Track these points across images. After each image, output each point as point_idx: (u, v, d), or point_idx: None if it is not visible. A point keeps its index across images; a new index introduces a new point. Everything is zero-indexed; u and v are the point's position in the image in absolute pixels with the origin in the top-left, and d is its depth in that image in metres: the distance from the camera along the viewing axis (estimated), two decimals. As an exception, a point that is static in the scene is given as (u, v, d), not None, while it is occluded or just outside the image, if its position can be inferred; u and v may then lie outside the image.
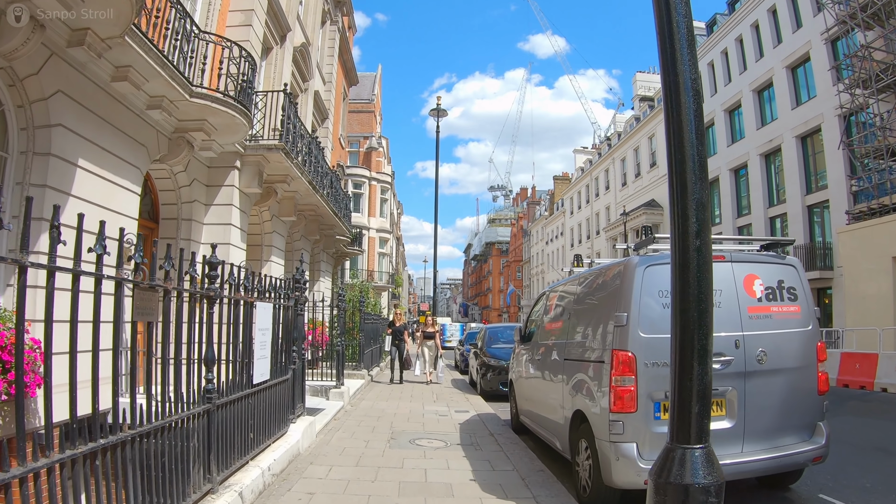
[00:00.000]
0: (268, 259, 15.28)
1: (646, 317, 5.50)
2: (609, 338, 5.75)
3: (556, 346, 7.33)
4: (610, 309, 5.87)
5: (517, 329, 9.84)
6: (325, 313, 15.59)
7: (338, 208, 20.38)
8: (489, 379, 14.89)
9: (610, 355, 5.60)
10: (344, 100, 31.53)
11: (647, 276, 5.61)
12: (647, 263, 5.71)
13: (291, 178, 14.48)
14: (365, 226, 47.77)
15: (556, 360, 7.21)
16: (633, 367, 5.36)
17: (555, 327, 7.67)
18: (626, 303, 5.59)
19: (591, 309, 6.60)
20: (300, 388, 8.86)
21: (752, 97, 35.33)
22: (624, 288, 5.72)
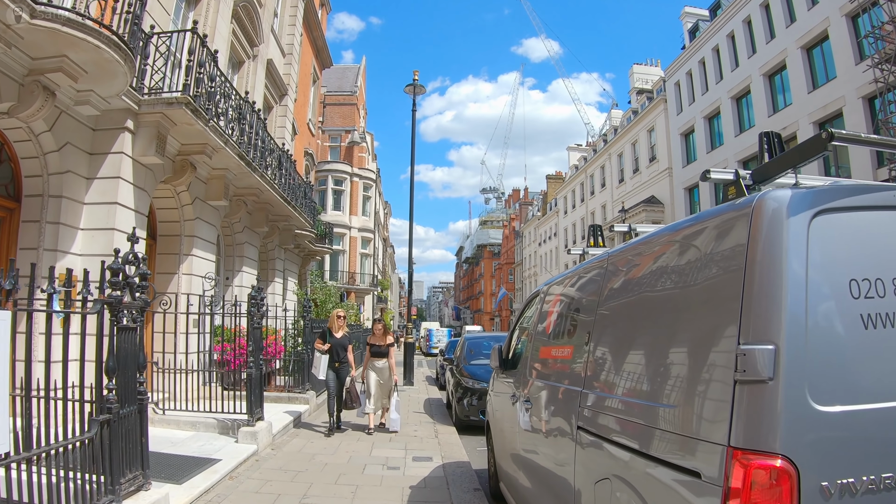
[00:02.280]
0: (188, 252, 12.12)
1: (823, 352, 2.24)
2: (712, 409, 2.46)
3: (565, 397, 3.94)
4: (704, 327, 2.65)
5: (496, 349, 6.23)
6: (279, 319, 13.22)
7: (293, 196, 17.21)
8: (466, 406, 11.68)
9: (724, 463, 2.27)
10: (315, 83, 28.50)
11: (818, 241, 2.34)
12: (819, 206, 2.39)
13: (213, 150, 11.33)
14: (346, 224, 44.81)
15: (564, 426, 3.87)
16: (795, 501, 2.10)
17: (560, 353, 4.28)
18: (765, 314, 2.29)
19: (643, 323, 3.23)
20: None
21: (763, 82, 32.32)
22: (756, 273, 2.35)
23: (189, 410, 9.33)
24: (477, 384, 11.48)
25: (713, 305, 2.56)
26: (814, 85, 28.66)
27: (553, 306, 4.73)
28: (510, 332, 6.55)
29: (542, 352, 4.72)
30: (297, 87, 22.59)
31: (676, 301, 2.90)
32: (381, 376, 11.19)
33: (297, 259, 24.01)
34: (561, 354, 4.19)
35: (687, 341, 2.75)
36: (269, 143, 14.69)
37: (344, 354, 11.06)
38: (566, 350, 4.09)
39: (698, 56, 38.95)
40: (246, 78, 16.52)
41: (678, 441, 2.59)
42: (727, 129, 35.56)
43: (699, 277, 2.75)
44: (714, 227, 2.78)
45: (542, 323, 4.96)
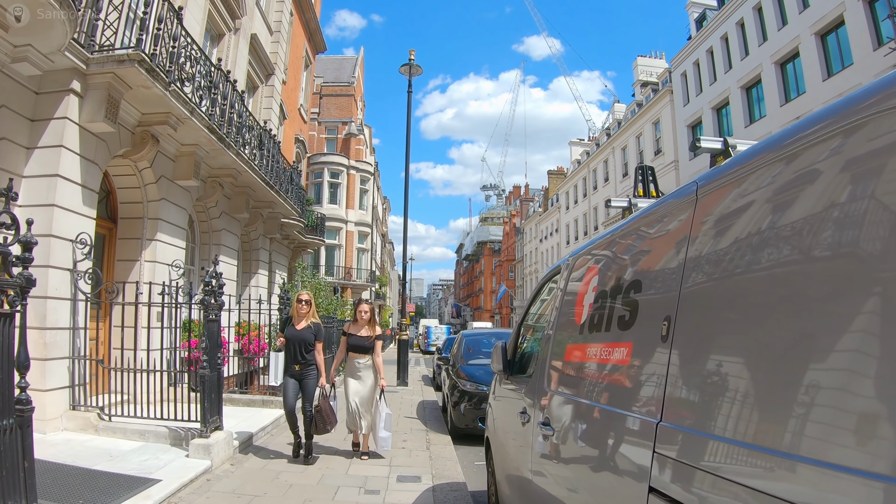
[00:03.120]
0: (152, 237, 10.78)
1: None
2: None
3: (619, 430, 2.50)
4: None
5: (498, 348, 4.83)
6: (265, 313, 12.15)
7: (278, 182, 15.89)
8: (463, 411, 10.09)
9: None
10: (307, 68, 27.15)
11: None
12: None
13: (177, 120, 10.02)
14: (342, 218, 43.48)
15: (619, 484, 2.46)
16: None
17: (605, 355, 2.78)
18: None
19: (811, 299, 1.64)
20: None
21: (774, 70, 30.99)
22: None
23: (140, 417, 7.97)
24: (475, 387, 10.08)
25: None
26: (829, 73, 27.40)
27: (587, 284, 3.15)
28: (517, 327, 5.02)
29: (571, 352, 3.19)
30: (286, 68, 21.25)
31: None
32: (364, 381, 8.19)
33: (286, 251, 22.68)
34: (607, 357, 2.65)
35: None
36: (248, 119, 13.36)
37: (308, 354, 7.93)
38: (617, 350, 2.55)
39: (706, 45, 37.66)
40: (226, 52, 15.18)
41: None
42: (737, 120, 34.25)
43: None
44: None
45: (568, 310, 3.41)
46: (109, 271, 10.54)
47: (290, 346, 7.94)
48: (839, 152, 1.58)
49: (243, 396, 10.65)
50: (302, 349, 7.92)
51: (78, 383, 8.24)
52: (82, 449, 7.17)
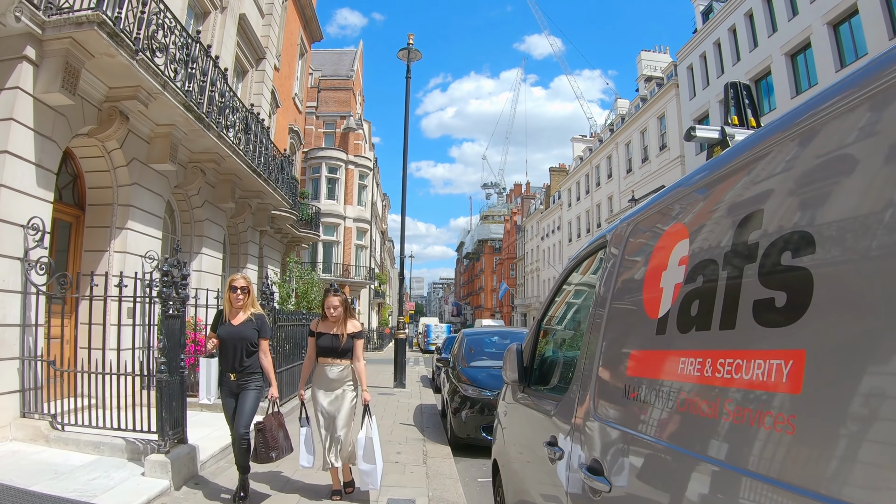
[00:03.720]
0: (122, 226, 9.81)
1: None
2: None
3: None
4: None
5: (513, 351, 3.80)
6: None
7: (267, 170, 14.92)
8: (465, 419, 8.95)
9: None
10: (302, 56, 26.19)
11: None
12: None
13: (149, 95, 9.05)
14: (340, 214, 42.57)
15: None
16: None
17: (745, 372, 1.53)
18: None
19: None
20: None
21: (785, 62, 30.06)
22: None
23: (97, 427, 6.96)
24: (478, 392, 9.04)
25: None
26: (841, 63, 26.49)
27: (666, 255, 2.05)
28: (536, 325, 3.82)
29: (641, 363, 2.13)
30: (278, 53, 20.29)
31: None
32: (338, 395, 6.17)
33: (279, 246, 21.71)
34: (730, 375, 1.56)
35: None
36: (232, 100, 12.36)
37: (250, 358, 5.99)
38: (759, 365, 1.46)
39: (713, 37, 36.73)
40: (212, 31, 14.21)
41: None
42: (745, 113, 33.25)
43: None
44: None
45: (630, 298, 2.32)
46: (76, 263, 9.58)
47: (225, 349, 5.96)
48: None
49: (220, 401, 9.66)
50: (241, 352, 5.93)
51: (30, 387, 7.26)
52: (27, 463, 6.21)
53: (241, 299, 6.08)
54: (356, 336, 6.34)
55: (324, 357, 6.25)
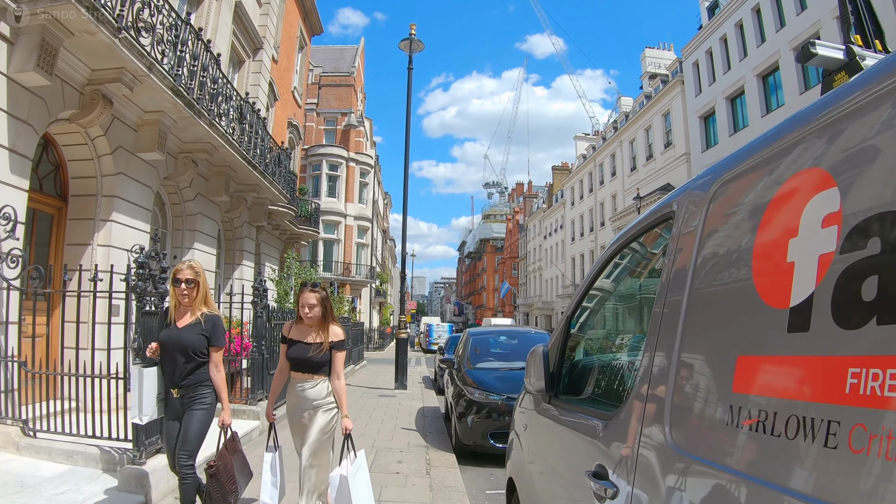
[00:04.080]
0: (107, 217, 9.24)
1: None
2: None
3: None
4: None
5: (538, 353, 3.07)
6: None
7: (263, 163, 14.34)
8: (471, 425, 8.29)
9: None
10: (302, 49, 25.64)
11: None
12: None
13: (133, 77, 8.48)
14: (341, 212, 42.01)
15: None
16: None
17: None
18: None
19: None
20: None
21: (793, 57, 29.42)
22: None
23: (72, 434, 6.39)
24: (485, 396, 8.43)
25: None
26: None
27: (795, 213, 1.42)
28: (564, 324, 3.14)
29: (768, 371, 1.44)
30: (276, 44, 19.74)
31: None
32: (311, 419, 4.89)
33: (277, 242, 21.14)
34: None
35: None
36: (226, 87, 11.77)
37: (198, 370, 4.73)
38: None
39: (719, 33, 36.15)
40: (206, 17, 13.62)
41: None
42: (752, 109, 32.72)
43: None
44: None
45: (726, 278, 1.71)
46: (57, 257, 9.00)
47: (166, 359, 4.70)
48: None
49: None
50: (186, 362, 4.64)
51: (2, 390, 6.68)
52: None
53: (186, 295, 4.70)
54: (337, 346, 4.90)
55: (295, 371, 4.91)
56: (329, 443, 5.01)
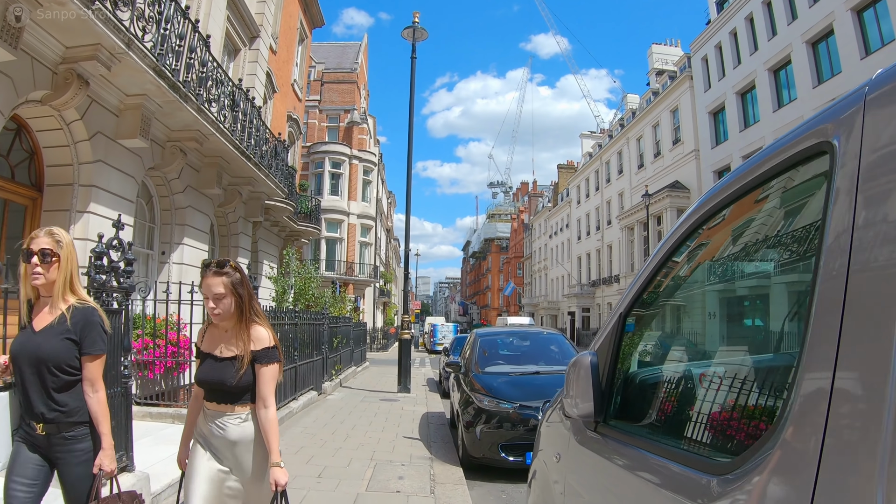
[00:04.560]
0: (84, 209, 8.53)
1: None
2: None
3: None
4: None
5: (585, 365, 2.19)
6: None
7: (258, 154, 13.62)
8: (480, 435, 7.37)
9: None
10: (302, 42, 24.95)
11: None
12: None
13: (111, 55, 7.77)
14: (343, 210, 41.30)
15: None
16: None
17: None
18: None
19: None
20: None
21: (806, 50, 28.75)
22: None
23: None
24: (495, 404, 7.57)
25: None
26: (867, 50, 25.25)
27: None
28: (617, 324, 2.31)
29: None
30: (274, 34, 19.04)
31: None
32: (231, 465, 3.24)
33: (276, 240, 20.44)
34: None
35: None
36: (217, 72, 11.02)
37: (61, 395, 2.99)
38: None
39: (729, 27, 35.45)
40: (198, 2, 12.90)
41: None
42: (764, 104, 31.99)
43: None
44: None
45: None
46: (31, 252, 8.29)
47: (19, 378, 3.03)
48: None
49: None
50: (48, 383, 2.97)
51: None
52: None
53: (39, 275, 2.92)
54: (262, 358, 3.23)
55: (209, 401, 3.26)
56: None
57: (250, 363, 3.20)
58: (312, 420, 10.30)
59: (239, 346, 3.22)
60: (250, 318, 3.27)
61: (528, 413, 7.24)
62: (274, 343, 3.31)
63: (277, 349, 3.32)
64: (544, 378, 8.23)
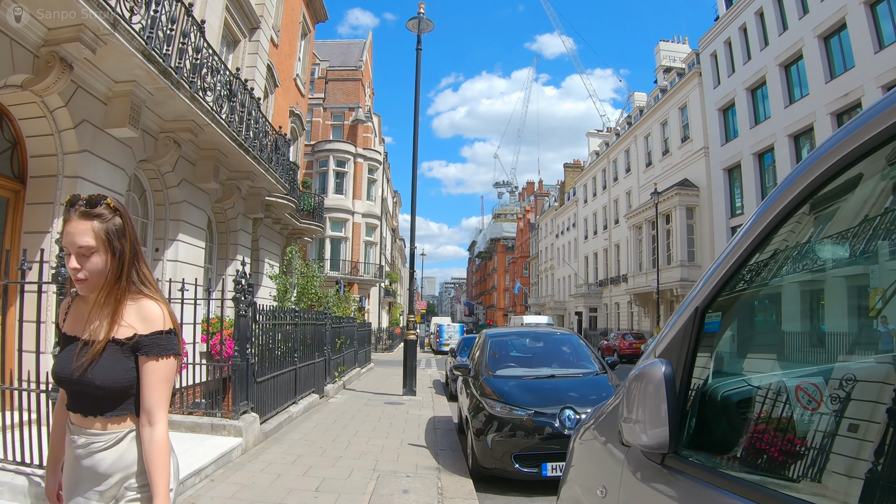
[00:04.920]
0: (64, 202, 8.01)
1: None
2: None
3: None
4: None
5: (656, 377, 1.62)
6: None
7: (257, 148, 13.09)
8: (491, 444, 6.78)
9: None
10: (305, 36, 24.46)
11: None
12: None
13: (96, 37, 7.24)
14: (348, 209, 40.83)
15: None
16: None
17: None
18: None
19: None
20: None
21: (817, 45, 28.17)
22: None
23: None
24: (508, 410, 6.95)
25: None
26: (880, 44, 24.69)
27: None
28: (696, 317, 1.70)
29: None
30: (277, 28, 18.56)
31: None
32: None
33: (279, 238, 19.93)
34: None
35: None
36: (213, 59, 10.48)
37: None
38: None
39: (738, 22, 34.86)
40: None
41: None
42: (775, 100, 31.39)
43: None
44: None
45: None
46: (14, 246, 7.79)
47: None
48: None
49: (187, 419, 7.73)
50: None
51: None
52: None
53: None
54: (149, 348, 2.10)
55: (69, 408, 2.17)
56: None
57: (131, 352, 2.10)
58: (313, 426, 9.75)
59: (105, 323, 2.09)
60: (133, 288, 2.15)
61: (544, 420, 6.68)
62: (171, 326, 2.16)
63: (177, 335, 2.19)
64: (560, 382, 7.65)
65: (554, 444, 6.54)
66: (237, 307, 7.75)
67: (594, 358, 8.63)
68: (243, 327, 7.78)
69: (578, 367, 8.33)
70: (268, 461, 7.15)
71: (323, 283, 17.98)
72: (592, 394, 7.24)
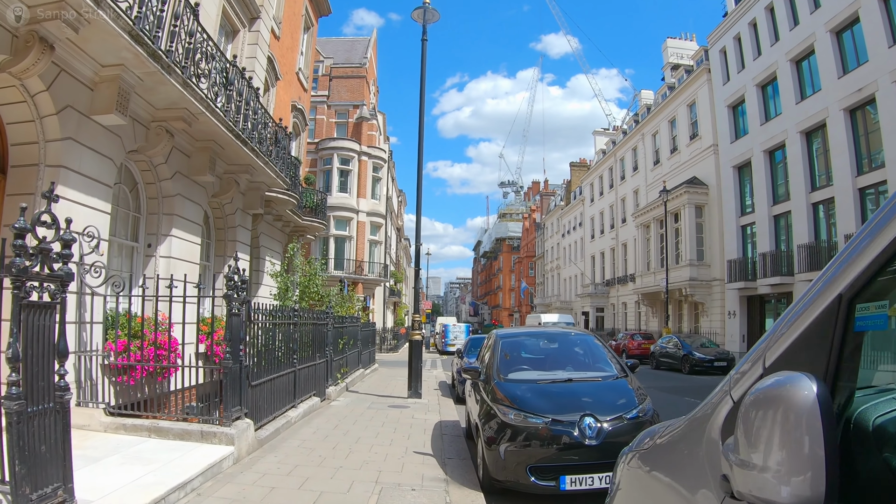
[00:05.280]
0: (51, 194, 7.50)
1: None
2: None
3: None
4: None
5: (799, 402, 1.06)
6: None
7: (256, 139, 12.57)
8: (504, 455, 6.20)
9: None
10: (308, 30, 23.99)
11: None
12: None
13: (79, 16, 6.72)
14: (353, 208, 40.37)
15: None
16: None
17: None
18: None
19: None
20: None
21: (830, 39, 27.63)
22: None
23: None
24: (522, 418, 6.35)
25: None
26: (894, 38, 24.06)
27: None
28: (839, 307, 1.16)
29: None
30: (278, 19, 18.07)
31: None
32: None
33: (280, 235, 19.44)
34: None
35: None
36: (206, 44, 9.92)
37: None
38: None
39: (748, 17, 34.29)
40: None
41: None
42: (786, 96, 30.80)
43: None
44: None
45: None
46: (-7, 241, 7.29)
47: None
48: None
49: (175, 425, 7.21)
50: None
51: None
52: None
53: None
54: None
55: None
56: None
57: None
58: (312, 431, 9.23)
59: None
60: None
61: (562, 429, 6.08)
62: None
63: None
64: (578, 386, 7.07)
65: (573, 455, 5.96)
66: (229, 305, 7.22)
67: (612, 360, 8.00)
68: (236, 327, 7.26)
69: (596, 370, 7.73)
70: (261, 472, 6.62)
71: (325, 281, 17.50)
72: (613, 399, 6.67)
